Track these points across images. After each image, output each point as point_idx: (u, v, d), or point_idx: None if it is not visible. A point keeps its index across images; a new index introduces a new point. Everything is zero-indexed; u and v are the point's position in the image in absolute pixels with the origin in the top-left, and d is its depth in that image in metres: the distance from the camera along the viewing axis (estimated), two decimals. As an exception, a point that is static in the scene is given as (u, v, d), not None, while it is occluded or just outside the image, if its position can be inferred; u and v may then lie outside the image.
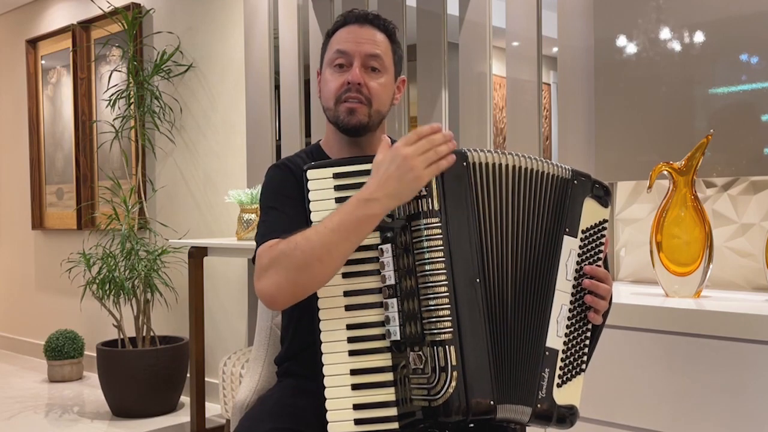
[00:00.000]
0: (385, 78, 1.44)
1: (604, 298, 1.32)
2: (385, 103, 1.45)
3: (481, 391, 1.18)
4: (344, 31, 1.44)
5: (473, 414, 1.17)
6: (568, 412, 1.27)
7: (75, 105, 4.62)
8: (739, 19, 2.04)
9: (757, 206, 2.04)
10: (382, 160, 1.21)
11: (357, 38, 1.42)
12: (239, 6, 3.57)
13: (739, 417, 1.62)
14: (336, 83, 1.41)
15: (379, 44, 1.43)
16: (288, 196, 1.36)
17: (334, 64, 1.42)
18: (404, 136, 1.21)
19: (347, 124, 1.42)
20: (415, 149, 1.18)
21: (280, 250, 1.22)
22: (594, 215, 1.34)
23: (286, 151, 3.35)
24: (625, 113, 2.25)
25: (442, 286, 1.19)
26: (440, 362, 1.17)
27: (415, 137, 1.20)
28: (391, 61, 1.45)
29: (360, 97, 1.40)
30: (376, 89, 1.42)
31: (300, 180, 1.33)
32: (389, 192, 1.18)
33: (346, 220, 1.18)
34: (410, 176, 1.17)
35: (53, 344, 4.28)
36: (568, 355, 1.28)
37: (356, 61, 1.40)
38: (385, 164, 1.19)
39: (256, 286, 1.26)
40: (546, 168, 1.31)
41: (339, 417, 1.21)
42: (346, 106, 1.40)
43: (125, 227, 3.73)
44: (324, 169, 1.28)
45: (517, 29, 2.57)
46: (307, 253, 1.18)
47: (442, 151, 1.20)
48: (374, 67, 1.42)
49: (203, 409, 3.28)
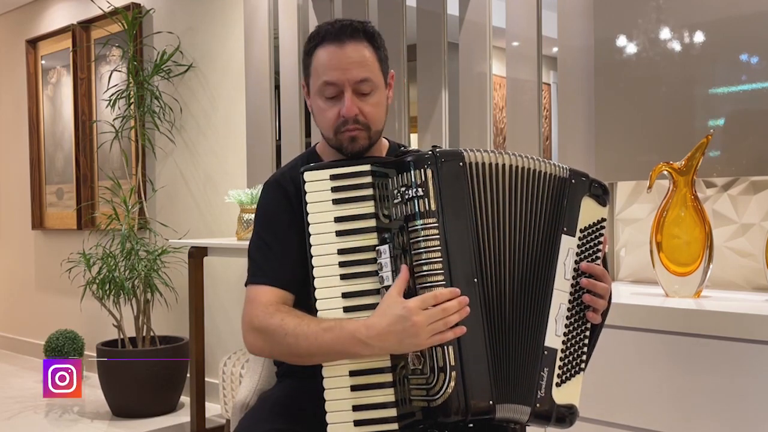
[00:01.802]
0: (377, 96, 1.37)
1: (603, 297, 1.31)
2: (382, 119, 1.41)
3: (480, 391, 1.18)
4: (325, 54, 1.35)
5: (472, 414, 1.18)
6: (567, 411, 1.27)
7: (75, 105, 4.62)
8: (739, 19, 2.03)
9: (757, 206, 2.04)
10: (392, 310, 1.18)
11: (341, 63, 1.33)
12: (239, 6, 3.57)
13: (738, 417, 1.62)
14: (331, 114, 1.37)
15: (365, 63, 1.35)
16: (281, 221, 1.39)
17: (324, 96, 1.37)
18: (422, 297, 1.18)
19: (351, 151, 1.38)
20: (426, 318, 1.16)
21: (271, 327, 1.27)
22: (592, 214, 1.34)
23: (286, 151, 3.35)
24: (625, 113, 2.25)
25: (439, 286, 1.19)
26: (439, 362, 1.18)
27: (432, 301, 1.17)
28: (379, 73, 1.38)
29: (358, 126, 1.36)
30: (371, 112, 1.37)
31: (292, 194, 1.37)
32: (385, 346, 1.18)
33: (336, 347, 1.20)
34: (410, 342, 1.17)
35: (53, 344, 4.27)
36: (567, 354, 1.28)
37: (347, 91, 1.34)
38: (393, 318, 1.17)
39: (243, 334, 1.33)
40: (543, 167, 1.31)
41: (339, 418, 1.21)
42: (347, 135, 1.36)
43: (125, 227, 3.73)
44: (321, 171, 1.29)
45: (517, 29, 2.57)
46: (292, 347, 1.24)
47: (451, 322, 1.17)
48: (365, 92, 1.35)
49: (203, 409, 3.28)
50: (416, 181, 1.22)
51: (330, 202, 1.27)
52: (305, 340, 1.22)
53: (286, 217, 1.38)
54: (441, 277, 1.19)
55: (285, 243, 1.36)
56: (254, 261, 1.40)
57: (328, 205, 1.27)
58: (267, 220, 1.42)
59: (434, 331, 1.17)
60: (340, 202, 1.27)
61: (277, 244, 1.38)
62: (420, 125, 2.93)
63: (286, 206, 1.39)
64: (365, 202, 1.27)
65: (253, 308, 1.32)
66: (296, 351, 1.24)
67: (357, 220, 1.27)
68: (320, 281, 1.25)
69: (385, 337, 1.17)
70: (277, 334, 1.26)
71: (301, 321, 1.24)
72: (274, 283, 1.35)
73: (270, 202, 1.44)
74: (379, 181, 1.28)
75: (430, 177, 1.23)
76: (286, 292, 1.35)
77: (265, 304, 1.31)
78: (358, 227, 1.26)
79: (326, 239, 1.26)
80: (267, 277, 1.35)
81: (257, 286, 1.36)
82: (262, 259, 1.38)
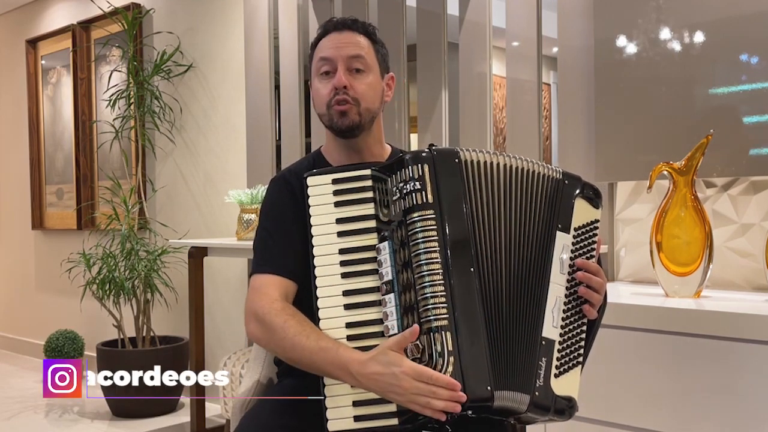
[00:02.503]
0: (370, 77, 1.46)
1: (598, 291, 1.34)
2: (374, 101, 1.47)
3: (478, 377, 1.19)
4: (326, 39, 1.48)
5: (471, 401, 1.18)
6: (567, 404, 1.28)
7: (75, 105, 4.62)
8: (739, 19, 2.03)
9: (757, 206, 2.04)
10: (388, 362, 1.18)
11: (337, 43, 1.46)
12: (239, 6, 3.57)
13: (738, 417, 1.62)
14: (325, 90, 1.45)
15: (361, 45, 1.47)
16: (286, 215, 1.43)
17: (320, 72, 1.47)
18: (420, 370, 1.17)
19: (340, 126, 1.45)
20: (413, 388, 1.16)
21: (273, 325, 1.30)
22: (585, 215, 1.37)
23: (286, 151, 3.35)
24: (625, 113, 2.25)
25: (437, 275, 1.21)
26: (437, 348, 1.18)
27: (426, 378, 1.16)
28: (374, 59, 1.48)
29: (347, 98, 1.43)
30: (362, 89, 1.45)
31: (298, 190, 1.40)
32: (370, 387, 1.20)
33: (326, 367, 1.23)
34: (392, 396, 1.19)
35: (53, 344, 4.27)
36: (564, 346, 1.31)
37: (340, 65, 1.44)
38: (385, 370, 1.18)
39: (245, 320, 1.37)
40: (537, 168, 1.35)
41: (339, 414, 1.22)
42: (337, 109, 1.44)
43: (125, 227, 3.73)
44: (323, 176, 1.34)
45: (517, 29, 2.57)
46: (287, 352, 1.29)
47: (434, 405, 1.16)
48: (358, 68, 1.45)
49: (203, 409, 3.28)
50: (413, 175, 1.26)
51: (332, 204, 1.31)
52: (300, 352, 1.26)
53: (291, 211, 1.42)
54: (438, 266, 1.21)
55: (289, 235, 1.40)
56: (258, 251, 1.44)
57: (330, 207, 1.31)
58: (272, 213, 1.47)
59: (413, 401, 1.17)
60: (341, 204, 1.31)
61: (281, 236, 1.42)
62: (420, 125, 2.93)
63: (292, 201, 1.43)
64: (366, 204, 1.32)
65: (258, 298, 1.35)
66: (290, 356, 1.29)
67: (358, 221, 1.31)
68: (322, 280, 1.28)
69: (372, 380, 1.19)
70: (276, 334, 1.29)
71: (303, 330, 1.27)
72: (277, 271, 1.39)
73: (275, 196, 1.49)
74: (379, 185, 1.32)
75: (427, 171, 1.26)
76: (290, 281, 1.39)
77: (272, 299, 1.34)
78: (359, 228, 1.30)
79: (328, 240, 1.30)
80: (271, 266, 1.39)
81: (261, 275, 1.39)
82: (267, 250, 1.43)
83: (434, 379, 1.16)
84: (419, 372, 1.17)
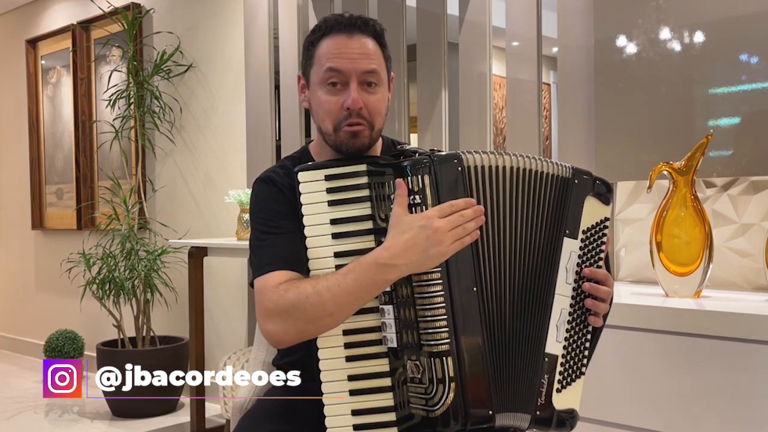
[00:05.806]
0: (381, 92, 1.33)
1: (605, 301, 1.30)
2: (384, 117, 1.36)
3: (479, 401, 1.17)
4: (332, 43, 1.31)
5: (472, 424, 1.17)
6: (567, 416, 1.26)
7: (75, 105, 4.62)
8: (739, 19, 2.03)
9: (757, 206, 2.04)
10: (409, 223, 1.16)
11: (349, 53, 1.29)
12: (239, 6, 3.57)
13: (739, 417, 1.62)
14: (333, 105, 1.31)
15: (373, 56, 1.31)
16: (277, 212, 1.31)
17: (327, 83, 1.31)
18: (438, 207, 1.17)
19: (351, 148, 1.32)
20: (447, 223, 1.15)
21: (290, 301, 1.20)
22: (595, 214, 1.31)
23: (286, 151, 3.35)
24: (625, 113, 2.25)
25: (438, 297, 1.17)
26: (437, 374, 1.16)
27: (449, 210, 1.16)
28: (385, 70, 1.35)
29: (362, 121, 1.30)
30: (374, 106, 1.31)
31: (285, 193, 1.31)
32: (411, 261, 1.15)
33: (362, 282, 1.16)
34: (436, 250, 1.15)
35: (53, 344, 4.27)
36: (567, 360, 1.27)
37: (353, 81, 1.29)
38: (414, 230, 1.15)
39: (261, 325, 1.25)
40: (545, 168, 1.28)
41: (338, 423, 1.20)
42: (348, 131, 1.31)
43: (125, 227, 3.73)
44: (315, 171, 1.24)
45: (517, 29, 2.57)
46: (317, 308, 1.17)
47: (469, 228, 1.17)
48: (370, 82, 1.31)
49: (203, 409, 3.28)
50: (413, 188, 1.19)
51: (325, 203, 1.23)
52: (328, 292, 1.17)
53: (279, 207, 1.32)
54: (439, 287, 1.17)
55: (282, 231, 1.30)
56: (255, 255, 1.33)
57: (324, 206, 1.23)
58: (261, 213, 1.35)
59: (455, 237, 1.16)
60: (335, 203, 1.23)
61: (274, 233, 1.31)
62: (420, 125, 2.93)
63: (279, 198, 1.33)
64: (362, 204, 1.23)
65: (264, 296, 1.24)
66: (322, 309, 1.17)
67: (354, 222, 1.23)
68: None
69: (409, 251, 1.15)
70: (297, 303, 1.19)
71: (318, 280, 1.19)
72: (279, 266, 1.26)
73: (261, 196, 1.37)
74: (376, 182, 1.24)
75: (427, 184, 1.19)
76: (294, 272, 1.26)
77: (275, 286, 1.23)
78: (354, 230, 1.23)
79: (322, 242, 1.23)
80: (271, 265, 1.28)
81: (263, 276, 1.27)
82: (263, 251, 1.32)
83: (454, 206, 1.17)
84: (442, 209, 1.17)
